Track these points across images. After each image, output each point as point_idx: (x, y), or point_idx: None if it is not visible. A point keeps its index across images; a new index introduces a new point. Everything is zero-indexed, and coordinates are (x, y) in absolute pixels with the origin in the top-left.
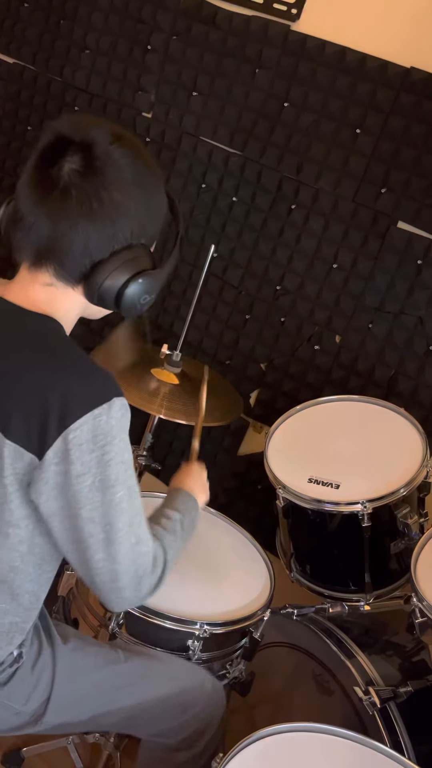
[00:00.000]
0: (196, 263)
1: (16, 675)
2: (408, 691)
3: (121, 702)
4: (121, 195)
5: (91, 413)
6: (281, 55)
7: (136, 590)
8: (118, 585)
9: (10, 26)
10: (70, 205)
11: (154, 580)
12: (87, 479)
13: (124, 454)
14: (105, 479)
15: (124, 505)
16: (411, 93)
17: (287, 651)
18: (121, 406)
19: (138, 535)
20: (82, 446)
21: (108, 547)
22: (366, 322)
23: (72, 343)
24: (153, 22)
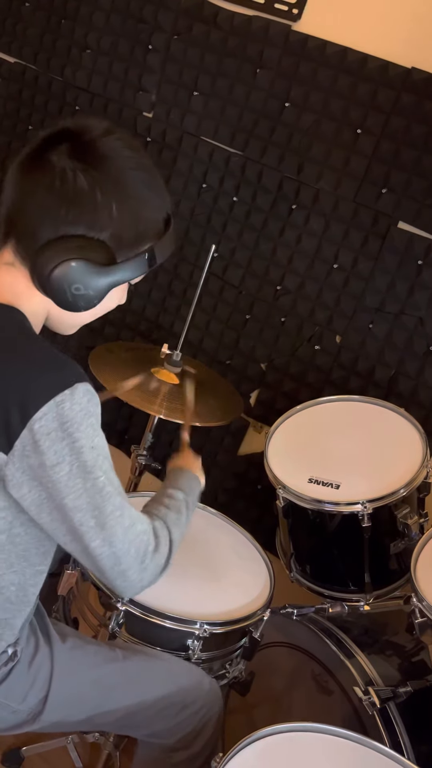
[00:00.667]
0: (196, 263)
1: (12, 673)
2: (408, 692)
3: (118, 701)
4: (90, 183)
5: (53, 400)
6: (282, 55)
7: (141, 571)
8: (121, 568)
9: (11, 25)
10: (37, 176)
11: (161, 560)
12: (63, 467)
13: (95, 438)
14: (82, 465)
15: (108, 489)
16: (412, 93)
17: (287, 651)
18: (86, 392)
19: (131, 517)
20: (50, 435)
21: (102, 531)
22: (366, 322)
23: (32, 334)
24: (154, 22)
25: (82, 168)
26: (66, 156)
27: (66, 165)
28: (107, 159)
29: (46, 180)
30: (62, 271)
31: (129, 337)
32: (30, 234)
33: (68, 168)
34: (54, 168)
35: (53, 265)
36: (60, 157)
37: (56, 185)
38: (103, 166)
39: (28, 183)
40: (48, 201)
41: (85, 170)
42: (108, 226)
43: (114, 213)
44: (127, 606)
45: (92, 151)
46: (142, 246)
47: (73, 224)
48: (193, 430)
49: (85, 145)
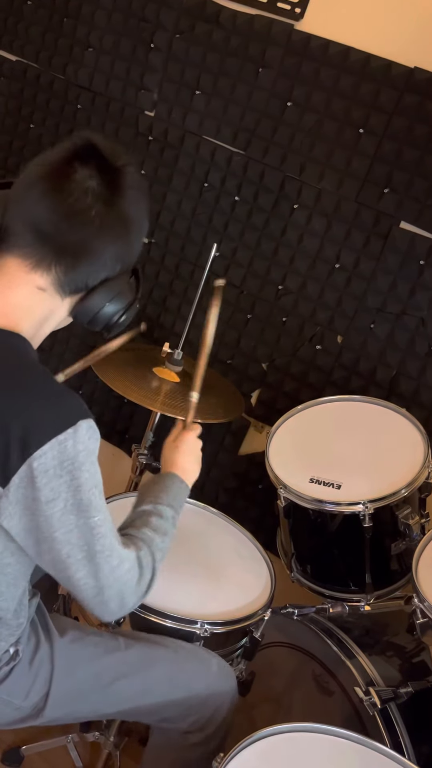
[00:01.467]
0: (197, 262)
1: (14, 672)
2: (408, 692)
3: (124, 690)
4: (128, 217)
5: (55, 439)
6: (285, 54)
7: (122, 603)
8: (102, 599)
9: (13, 24)
10: (81, 207)
11: (142, 589)
12: (58, 504)
13: (96, 476)
14: (78, 503)
15: (102, 529)
16: (414, 93)
17: (288, 651)
18: (88, 429)
19: (120, 557)
20: (48, 472)
21: (89, 565)
22: (368, 322)
23: (35, 365)
24: (156, 21)
25: (122, 201)
26: (103, 184)
27: (116, 212)
28: (132, 190)
29: (106, 221)
30: (112, 308)
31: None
32: (82, 274)
33: (123, 204)
34: (118, 207)
35: (100, 306)
36: (97, 184)
37: (118, 233)
38: (132, 198)
39: (70, 212)
40: (109, 238)
41: (123, 203)
42: (130, 258)
43: (135, 247)
44: None
45: (120, 179)
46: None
47: (114, 264)
48: None
49: (115, 173)
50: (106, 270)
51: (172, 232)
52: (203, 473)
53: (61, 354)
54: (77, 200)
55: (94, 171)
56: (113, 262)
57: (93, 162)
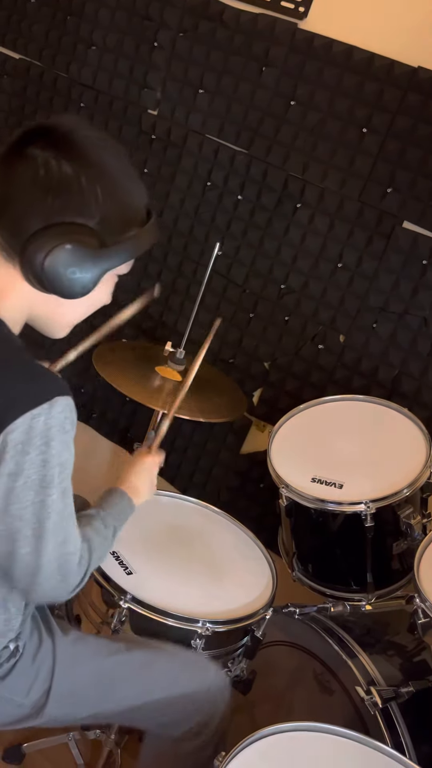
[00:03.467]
0: (200, 261)
1: (16, 668)
2: (410, 692)
3: (122, 693)
4: (74, 169)
5: (29, 413)
6: (288, 53)
7: (57, 584)
8: (37, 579)
9: (16, 22)
10: (19, 169)
11: (77, 579)
12: (19, 479)
13: (63, 454)
14: (40, 480)
15: (55, 506)
16: (418, 93)
17: (289, 650)
18: (65, 407)
19: (65, 535)
20: (17, 446)
21: (35, 542)
22: (370, 322)
23: (15, 345)
24: (160, 20)
25: (64, 157)
26: (46, 148)
27: (48, 155)
28: (86, 148)
29: (30, 171)
30: (56, 256)
31: (132, 335)
32: (17, 226)
33: (51, 157)
34: (36, 159)
35: (46, 251)
36: (40, 150)
37: (40, 174)
38: (84, 155)
39: (9, 176)
40: (34, 191)
41: (68, 159)
42: (95, 211)
43: (100, 198)
44: (129, 604)
45: (70, 143)
46: (128, 233)
47: (61, 212)
48: (195, 427)
49: (63, 137)
50: (38, 220)
51: (175, 230)
52: (206, 471)
53: (62, 353)
54: (9, 165)
55: (41, 141)
56: (46, 211)
57: (41, 139)
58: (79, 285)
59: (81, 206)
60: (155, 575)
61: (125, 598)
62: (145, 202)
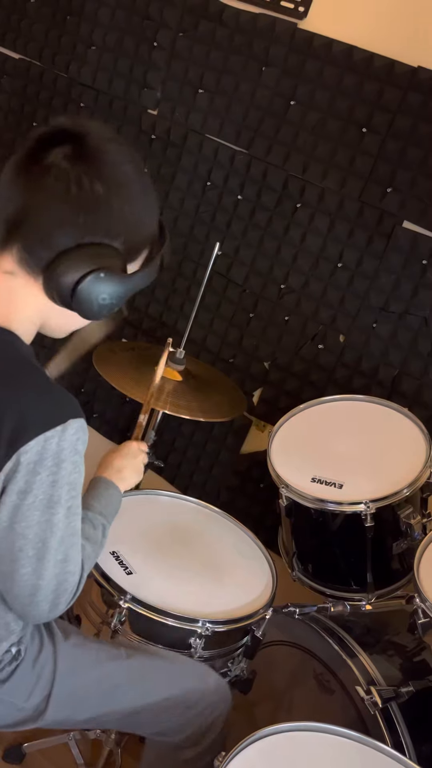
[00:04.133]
0: (200, 261)
1: (17, 671)
2: (409, 691)
3: (122, 699)
4: (105, 189)
5: (43, 435)
6: (288, 53)
7: (53, 605)
8: (36, 599)
9: (16, 22)
10: (48, 182)
11: (71, 598)
12: (28, 498)
13: (72, 475)
14: (47, 499)
15: (60, 525)
16: (418, 92)
17: (289, 650)
18: (77, 429)
19: (66, 554)
20: (29, 466)
21: (37, 563)
22: (370, 321)
23: (28, 361)
24: (160, 19)
25: (96, 175)
26: (73, 160)
27: (80, 171)
28: (116, 166)
29: (60, 186)
30: (90, 282)
31: (132, 335)
32: (44, 241)
33: (83, 174)
34: (67, 174)
35: (80, 274)
36: (70, 164)
37: (72, 192)
38: (115, 174)
39: (37, 189)
40: (64, 207)
41: (99, 178)
42: (122, 232)
43: (127, 218)
44: (129, 604)
45: (99, 156)
46: (144, 251)
47: (92, 232)
48: (195, 427)
49: (94, 152)
50: (68, 240)
51: (175, 230)
52: (206, 471)
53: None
54: (34, 175)
55: (66, 149)
56: (76, 230)
57: (66, 145)
58: (106, 309)
59: (110, 227)
60: (155, 575)
61: (125, 598)
62: (158, 217)
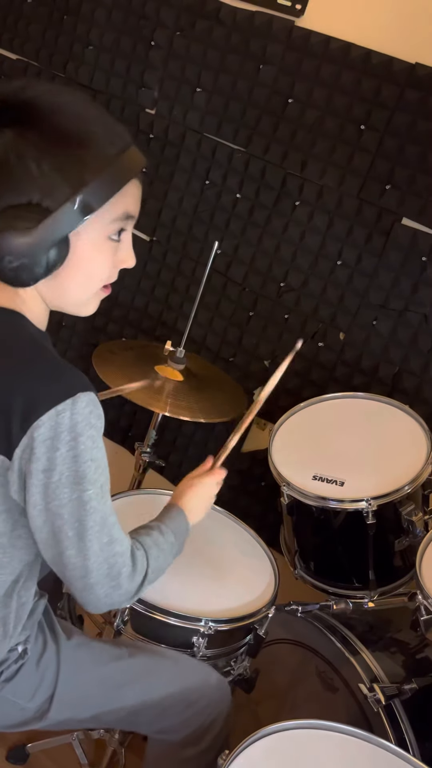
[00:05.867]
0: (199, 260)
1: (21, 671)
2: (413, 688)
3: (125, 698)
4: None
5: (54, 409)
6: (285, 50)
7: (111, 589)
8: (89, 581)
9: (13, 22)
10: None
11: (132, 585)
12: (54, 475)
13: (93, 450)
14: (73, 475)
15: (94, 503)
16: (416, 89)
17: (291, 648)
18: (89, 402)
19: (111, 535)
20: (46, 442)
21: (79, 543)
22: (370, 319)
23: (35, 341)
24: (156, 18)
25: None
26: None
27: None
28: (24, 114)
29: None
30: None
31: (132, 334)
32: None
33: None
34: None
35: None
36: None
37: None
38: (17, 124)
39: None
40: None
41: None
42: (32, 188)
43: (34, 172)
44: (132, 604)
45: (4, 112)
46: (81, 190)
47: (29, 191)
48: (196, 426)
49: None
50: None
51: (174, 229)
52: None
53: (63, 352)
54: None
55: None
56: (31, 188)
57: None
58: (25, 272)
59: (14, 188)
60: None
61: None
62: (113, 146)
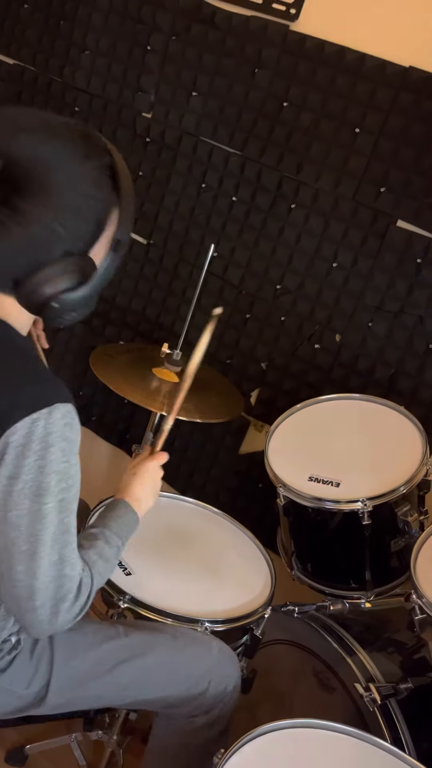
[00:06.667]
0: (196, 263)
1: (15, 661)
2: (408, 688)
3: (124, 676)
4: (33, 207)
5: (29, 417)
6: (280, 54)
7: (53, 614)
8: (34, 603)
9: (9, 27)
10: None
11: (76, 609)
12: (18, 483)
13: (61, 464)
14: (36, 486)
15: (51, 517)
16: (410, 92)
17: (288, 648)
18: (65, 414)
19: (62, 555)
20: (17, 449)
21: (29, 559)
22: (366, 320)
23: (21, 350)
24: (152, 23)
25: (9, 206)
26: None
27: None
28: (26, 176)
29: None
30: (50, 310)
31: (129, 337)
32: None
33: (2, 217)
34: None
35: (38, 305)
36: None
37: (11, 231)
38: (25, 189)
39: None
40: (3, 252)
41: (13, 209)
42: (61, 242)
43: (59, 230)
44: (128, 604)
45: (8, 175)
46: (103, 233)
47: (29, 265)
48: (194, 427)
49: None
50: (17, 268)
51: (171, 232)
52: (204, 472)
53: (61, 355)
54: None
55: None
56: (16, 258)
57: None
58: (80, 315)
59: (55, 243)
60: (154, 575)
61: (124, 598)
62: (104, 170)
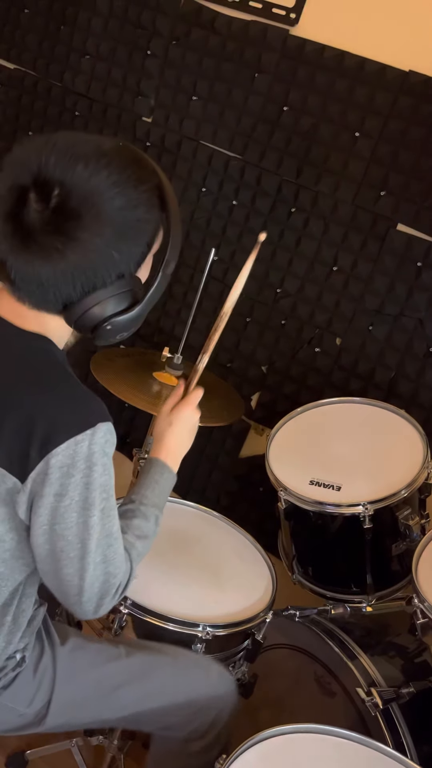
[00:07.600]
0: (196, 266)
1: (18, 678)
2: (410, 692)
3: (124, 698)
4: (90, 236)
5: (73, 439)
6: (280, 59)
7: (98, 606)
8: (81, 599)
9: (10, 32)
10: (34, 251)
11: (117, 598)
12: (65, 500)
13: (103, 477)
14: (83, 501)
15: (96, 527)
16: (409, 96)
17: (289, 653)
18: (106, 432)
19: (105, 555)
20: (62, 469)
21: (77, 564)
22: (366, 324)
23: (62, 366)
24: (152, 28)
25: (66, 235)
26: (45, 224)
27: (56, 243)
28: (82, 205)
29: (44, 254)
30: (103, 333)
31: (130, 341)
32: (47, 298)
33: (58, 245)
34: (47, 248)
35: (91, 328)
36: (43, 228)
37: (54, 257)
38: (81, 217)
39: (23, 257)
40: (51, 270)
41: (70, 237)
42: (115, 267)
43: (114, 255)
44: (130, 609)
45: (65, 204)
46: (150, 252)
47: (83, 288)
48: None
49: (57, 200)
50: (70, 293)
51: None
52: (204, 477)
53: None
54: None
55: (39, 202)
56: (72, 284)
57: (33, 193)
58: (129, 334)
59: (102, 275)
60: (155, 580)
61: (125, 603)
62: (148, 198)
